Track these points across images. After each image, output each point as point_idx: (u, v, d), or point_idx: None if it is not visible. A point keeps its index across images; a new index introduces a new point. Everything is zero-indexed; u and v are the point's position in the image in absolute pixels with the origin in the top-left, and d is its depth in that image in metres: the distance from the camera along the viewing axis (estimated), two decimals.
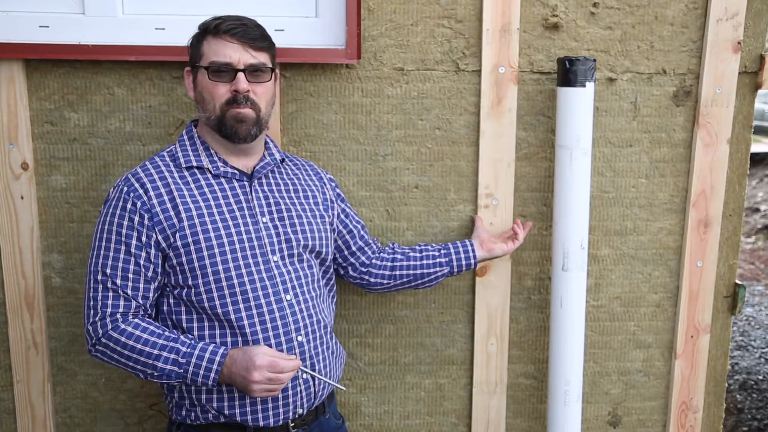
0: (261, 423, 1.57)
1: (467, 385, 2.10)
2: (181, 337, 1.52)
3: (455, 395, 2.11)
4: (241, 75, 1.53)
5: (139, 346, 1.49)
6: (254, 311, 1.54)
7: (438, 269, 1.84)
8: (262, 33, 1.57)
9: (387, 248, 1.88)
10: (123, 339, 1.50)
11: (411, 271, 1.83)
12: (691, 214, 2.02)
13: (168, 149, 1.64)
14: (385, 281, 1.84)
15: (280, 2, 1.88)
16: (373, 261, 1.84)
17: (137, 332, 1.50)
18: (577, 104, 1.82)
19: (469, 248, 1.86)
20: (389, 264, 1.84)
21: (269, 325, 1.55)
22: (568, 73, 1.81)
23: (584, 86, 1.81)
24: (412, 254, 1.85)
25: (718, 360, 2.14)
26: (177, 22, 1.86)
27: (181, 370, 1.49)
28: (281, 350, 1.55)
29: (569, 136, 1.84)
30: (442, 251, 1.85)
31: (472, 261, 1.86)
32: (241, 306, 1.54)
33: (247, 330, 1.54)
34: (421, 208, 2.00)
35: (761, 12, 1.94)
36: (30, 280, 1.95)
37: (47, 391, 2.02)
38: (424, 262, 1.84)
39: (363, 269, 1.83)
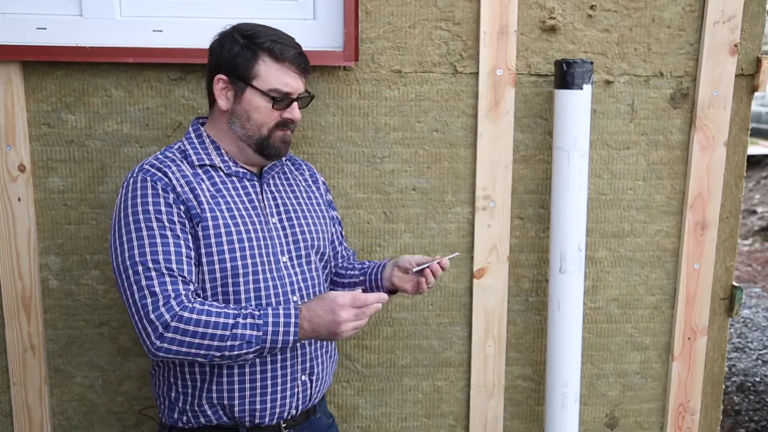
0: (257, 419, 1.56)
1: (465, 387, 2.10)
2: (240, 308, 1.48)
3: (453, 397, 2.11)
4: (296, 104, 1.57)
5: (213, 319, 1.43)
6: None
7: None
8: (308, 60, 1.60)
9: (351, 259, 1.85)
10: (195, 316, 1.42)
11: (346, 280, 1.79)
12: (688, 216, 2.02)
13: (175, 146, 1.60)
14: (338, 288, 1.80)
15: (277, 4, 1.88)
16: (338, 270, 1.81)
17: (206, 307, 1.44)
18: (575, 106, 1.83)
19: (380, 281, 1.74)
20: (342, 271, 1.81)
21: None
22: (565, 75, 1.82)
23: (581, 88, 1.81)
24: (354, 266, 1.80)
25: (716, 362, 2.15)
26: (174, 24, 1.86)
27: (261, 333, 1.44)
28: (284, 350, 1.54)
29: (566, 139, 1.84)
30: (361, 277, 1.76)
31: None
32: (253, 304, 1.53)
33: None
34: (419, 210, 2.00)
35: (758, 15, 1.94)
36: (27, 282, 1.95)
37: (44, 393, 2.01)
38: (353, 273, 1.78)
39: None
